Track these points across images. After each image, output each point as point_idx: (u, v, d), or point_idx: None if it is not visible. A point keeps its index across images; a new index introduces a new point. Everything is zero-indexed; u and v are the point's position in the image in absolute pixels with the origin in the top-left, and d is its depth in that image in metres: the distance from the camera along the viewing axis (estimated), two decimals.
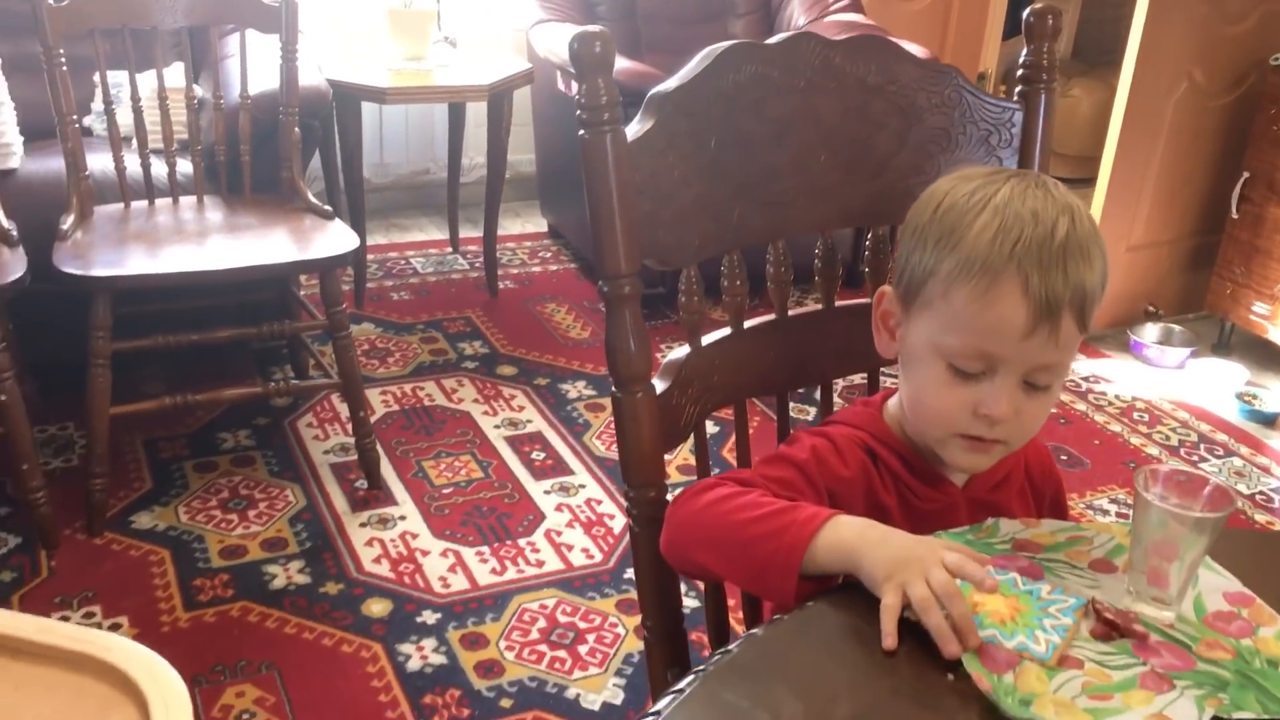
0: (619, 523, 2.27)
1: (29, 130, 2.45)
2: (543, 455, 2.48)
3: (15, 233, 2.10)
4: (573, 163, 3.21)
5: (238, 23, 2.30)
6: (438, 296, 3.16)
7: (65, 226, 2.16)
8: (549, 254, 3.50)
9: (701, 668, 0.79)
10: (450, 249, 3.42)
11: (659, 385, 1.04)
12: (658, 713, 0.74)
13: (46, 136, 2.46)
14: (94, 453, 2.11)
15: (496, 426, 2.57)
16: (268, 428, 2.51)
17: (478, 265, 3.31)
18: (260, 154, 2.39)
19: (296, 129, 2.37)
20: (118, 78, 2.44)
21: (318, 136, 2.59)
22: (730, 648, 0.80)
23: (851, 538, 0.83)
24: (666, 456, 1.06)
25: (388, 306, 3.07)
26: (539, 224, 3.66)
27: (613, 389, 1.03)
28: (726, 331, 1.13)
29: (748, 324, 1.14)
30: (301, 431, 2.51)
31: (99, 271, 2.04)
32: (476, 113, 3.26)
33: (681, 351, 1.09)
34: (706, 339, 1.11)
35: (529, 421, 2.60)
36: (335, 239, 2.24)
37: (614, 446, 2.51)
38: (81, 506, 2.15)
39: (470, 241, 3.42)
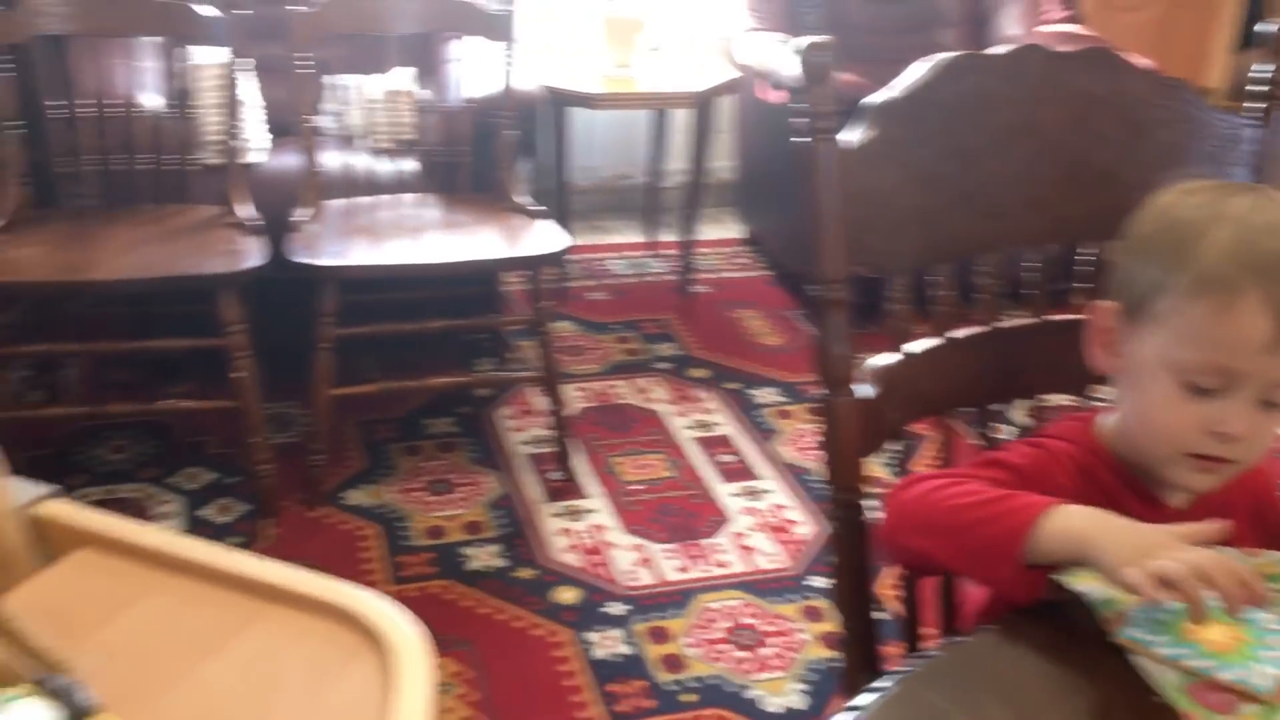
0: (805, 529, 2.28)
1: (271, 127, 2.64)
2: (731, 458, 2.51)
3: (256, 223, 2.27)
4: (773, 170, 3.24)
5: (463, 30, 2.41)
6: (634, 298, 3.23)
7: (300, 218, 2.32)
8: (744, 260, 3.53)
9: (901, 669, 0.80)
10: (647, 252, 3.49)
11: (866, 390, 1.05)
12: (857, 708, 0.76)
13: (283, 134, 2.65)
14: (316, 431, 2.26)
15: (687, 427, 2.62)
16: (470, 417, 2.62)
17: (674, 269, 3.36)
18: (477, 155, 2.50)
19: (512, 132, 2.47)
20: (349, 80, 2.60)
21: (531, 139, 2.69)
22: (931, 651, 0.81)
23: (1084, 524, 0.82)
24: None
25: (586, 306, 3.16)
26: (735, 230, 3.70)
27: (820, 391, 1.04)
28: (935, 341, 1.13)
29: (956, 334, 1.14)
30: (501, 422, 2.61)
31: (327, 261, 2.18)
32: (679, 119, 3.32)
33: (887, 358, 1.10)
34: (914, 347, 1.11)
35: (719, 424, 2.64)
36: (545, 238, 2.33)
37: (803, 453, 2.52)
38: (300, 480, 2.30)
39: (667, 245, 3.48)
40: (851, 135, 1.02)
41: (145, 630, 0.74)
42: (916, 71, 1.05)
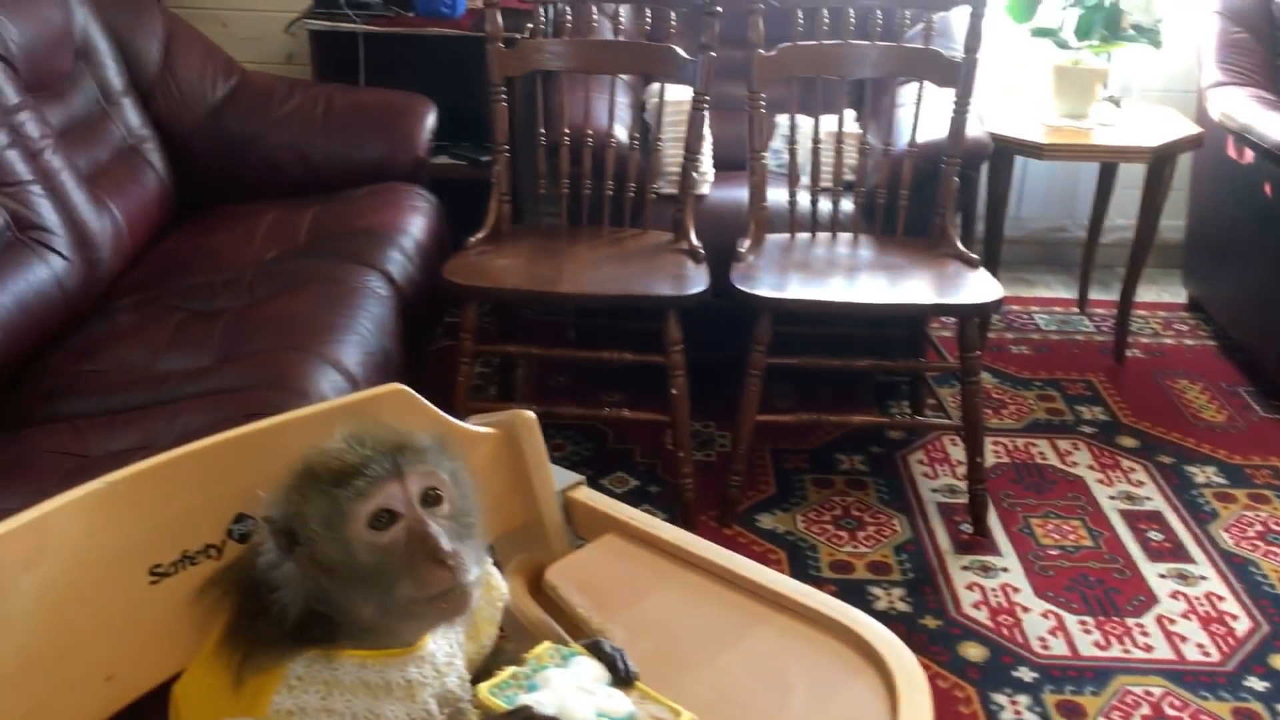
0: (1243, 624, 2.09)
1: (715, 162, 2.79)
2: (1160, 536, 2.35)
3: (702, 251, 2.41)
4: (1231, 234, 3.01)
5: (919, 76, 2.43)
6: (1058, 355, 3.10)
7: (741, 249, 2.43)
8: (1186, 327, 3.29)
9: None
10: (1076, 309, 3.34)
11: None
12: None
13: (725, 168, 2.80)
14: (736, 452, 2.35)
15: (1111, 497, 2.48)
16: (880, 457, 2.63)
17: (1105, 329, 3.20)
18: (915, 199, 2.51)
19: (956, 178, 2.46)
20: (794, 120, 2.69)
21: (973, 187, 2.66)
22: None
23: None
24: None
25: (1006, 359, 3.08)
26: (1177, 294, 3.46)
27: None
28: None
29: None
30: (912, 466, 2.60)
31: (766, 292, 2.27)
32: (1127, 174, 3.16)
33: None
34: None
35: (1148, 499, 2.48)
36: (979, 287, 2.30)
37: (1248, 544, 2.32)
38: (715, 498, 2.40)
39: (1099, 304, 3.32)
40: None
41: (666, 615, 0.81)
42: None
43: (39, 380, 2.01)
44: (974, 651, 2.02)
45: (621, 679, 0.75)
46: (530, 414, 0.92)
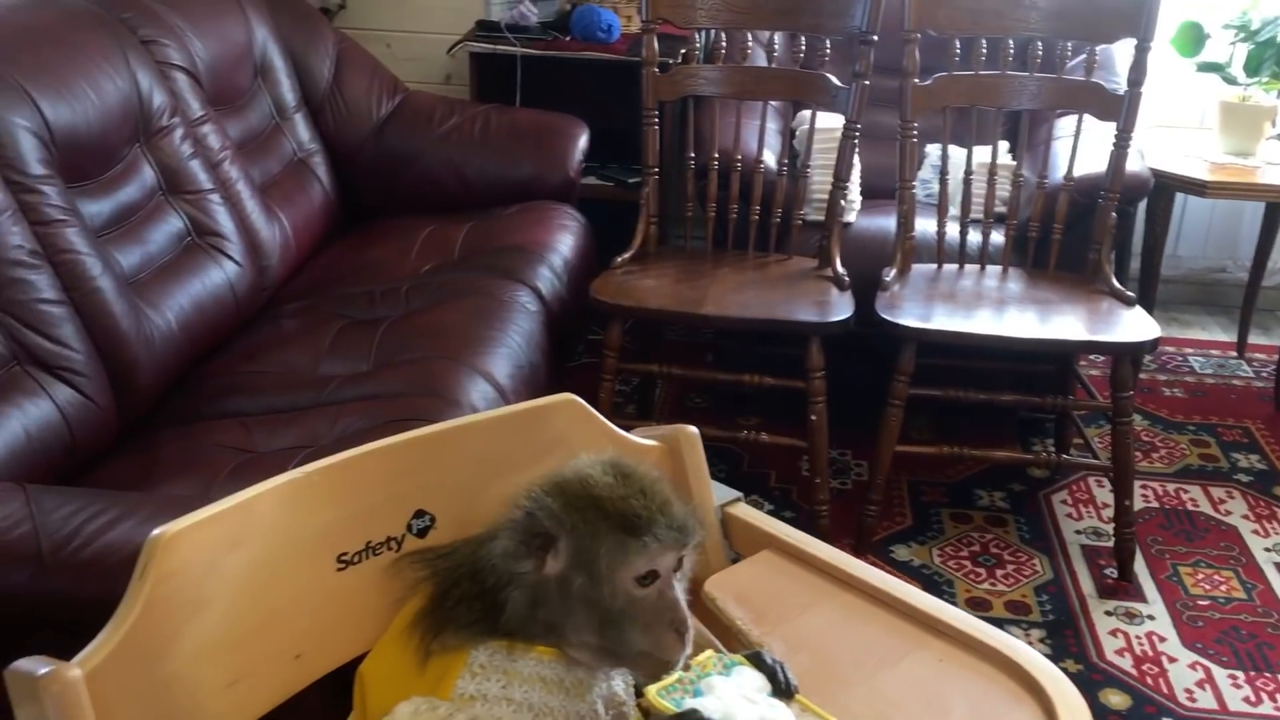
0: None
1: (861, 190, 2.78)
2: None
3: (846, 278, 2.41)
4: None
5: (1080, 109, 2.39)
6: (1214, 400, 3.00)
7: (887, 279, 2.42)
8: None
9: None
10: (1234, 353, 3.22)
11: None
12: None
13: (871, 196, 2.79)
14: (874, 481, 2.34)
15: (1267, 550, 2.38)
16: (1022, 495, 2.58)
17: (1264, 375, 3.08)
18: (1069, 234, 2.47)
19: (1113, 214, 2.41)
20: (946, 150, 2.67)
21: (1129, 223, 2.60)
22: None
23: None
24: None
25: (1158, 400, 2.98)
26: None
27: None
28: None
29: None
30: (1055, 506, 2.54)
31: (911, 322, 2.25)
32: None
33: None
34: None
35: None
36: (1134, 325, 2.24)
37: None
38: (850, 527, 2.39)
39: (1259, 349, 3.19)
40: None
41: (823, 632, 0.83)
42: None
43: (209, 379, 2.12)
44: (1116, 699, 1.97)
45: (782, 691, 0.77)
46: (693, 429, 0.94)
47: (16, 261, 1.78)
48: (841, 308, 2.31)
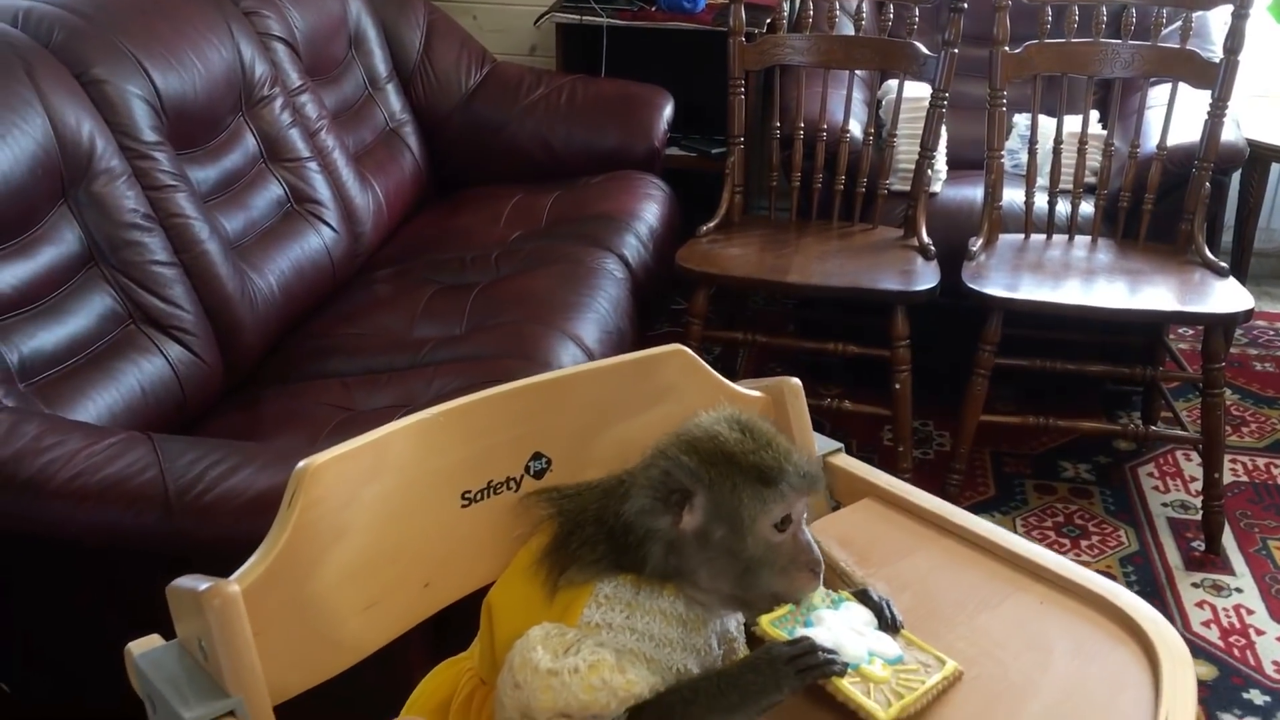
0: None
1: (947, 160, 2.77)
2: None
3: (932, 248, 2.41)
4: None
5: (1175, 77, 2.35)
6: None
7: (974, 249, 2.41)
8: None
9: None
10: None
11: None
12: None
13: (956, 167, 2.77)
14: (958, 450, 2.34)
15: None
16: (1107, 467, 2.56)
17: None
18: (1161, 204, 2.43)
19: (1207, 184, 2.37)
20: (1035, 120, 2.65)
21: (1223, 194, 2.56)
22: None
23: None
24: None
25: (1248, 375, 2.94)
26: None
27: None
28: None
29: None
30: (1141, 479, 2.52)
31: (998, 292, 2.25)
32: None
33: None
34: None
35: None
36: (1227, 296, 2.21)
37: None
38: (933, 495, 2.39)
39: None
40: None
41: (925, 575, 0.85)
42: None
43: (308, 340, 2.20)
44: (1203, 670, 1.96)
45: (888, 626, 0.80)
46: (796, 381, 0.97)
47: (132, 224, 1.87)
48: (927, 277, 2.31)
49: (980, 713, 0.74)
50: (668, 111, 2.89)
